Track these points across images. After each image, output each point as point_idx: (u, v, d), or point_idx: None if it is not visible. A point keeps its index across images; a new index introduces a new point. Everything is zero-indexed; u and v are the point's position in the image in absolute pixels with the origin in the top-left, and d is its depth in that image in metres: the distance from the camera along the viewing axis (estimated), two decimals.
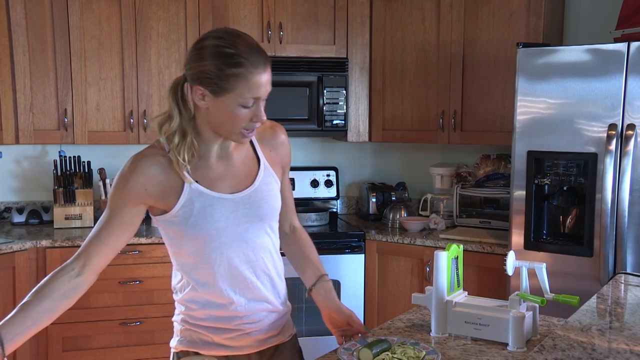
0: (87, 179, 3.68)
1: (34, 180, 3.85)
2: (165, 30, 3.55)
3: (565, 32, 3.55)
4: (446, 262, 1.76)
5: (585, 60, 2.72)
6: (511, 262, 1.77)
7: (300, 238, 1.88)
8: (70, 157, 3.64)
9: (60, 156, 3.65)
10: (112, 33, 3.50)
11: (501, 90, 3.37)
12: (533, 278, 1.75)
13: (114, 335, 3.33)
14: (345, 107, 3.73)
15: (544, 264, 1.77)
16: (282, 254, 1.80)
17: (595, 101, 2.69)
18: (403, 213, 3.73)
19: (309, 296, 1.81)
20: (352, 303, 3.10)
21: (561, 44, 3.47)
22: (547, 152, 2.82)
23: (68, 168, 3.64)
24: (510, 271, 1.77)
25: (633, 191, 2.62)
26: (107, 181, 3.67)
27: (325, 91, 3.68)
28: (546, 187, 2.90)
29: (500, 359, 1.62)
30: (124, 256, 3.24)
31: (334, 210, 4.09)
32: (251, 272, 1.67)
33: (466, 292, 1.87)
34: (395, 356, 1.56)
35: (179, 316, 1.75)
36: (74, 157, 3.66)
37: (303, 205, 3.86)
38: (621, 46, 2.63)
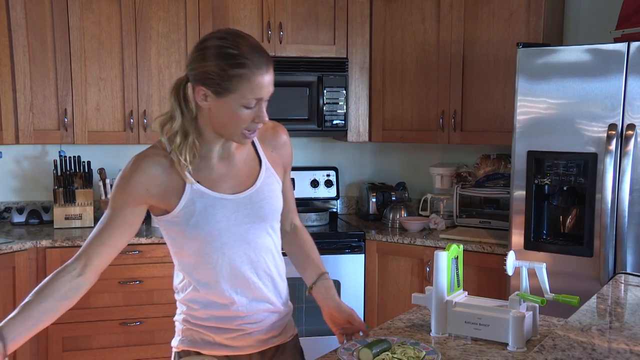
0: (87, 179, 3.68)
1: (34, 180, 3.85)
2: (165, 30, 3.55)
3: (565, 32, 3.55)
4: (446, 262, 1.76)
5: (585, 60, 2.72)
6: (511, 262, 1.77)
7: (301, 237, 1.88)
8: (70, 157, 3.64)
9: (60, 156, 3.64)
10: (112, 33, 3.50)
11: (501, 90, 3.38)
12: (533, 278, 1.76)
13: (114, 335, 3.33)
14: (345, 107, 3.72)
15: (544, 264, 1.78)
16: (284, 254, 1.80)
17: (595, 101, 2.69)
18: (403, 213, 3.73)
19: (310, 294, 1.81)
20: (352, 303, 3.04)
21: (561, 44, 3.47)
22: (547, 152, 2.82)
23: (68, 168, 3.63)
24: (510, 271, 1.77)
25: (633, 191, 2.62)
26: (107, 181, 3.67)
27: (325, 91, 3.68)
28: (546, 187, 2.90)
29: (500, 359, 1.62)
30: (124, 256, 3.24)
31: (334, 210, 4.09)
32: (253, 273, 1.67)
33: (466, 292, 1.87)
34: (395, 356, 1.57)
35: (181, 316, 1.75)
36: (74, 157, 3.65)
37: (303, 205, 3.86)
38: (621, 46, 2.63)
